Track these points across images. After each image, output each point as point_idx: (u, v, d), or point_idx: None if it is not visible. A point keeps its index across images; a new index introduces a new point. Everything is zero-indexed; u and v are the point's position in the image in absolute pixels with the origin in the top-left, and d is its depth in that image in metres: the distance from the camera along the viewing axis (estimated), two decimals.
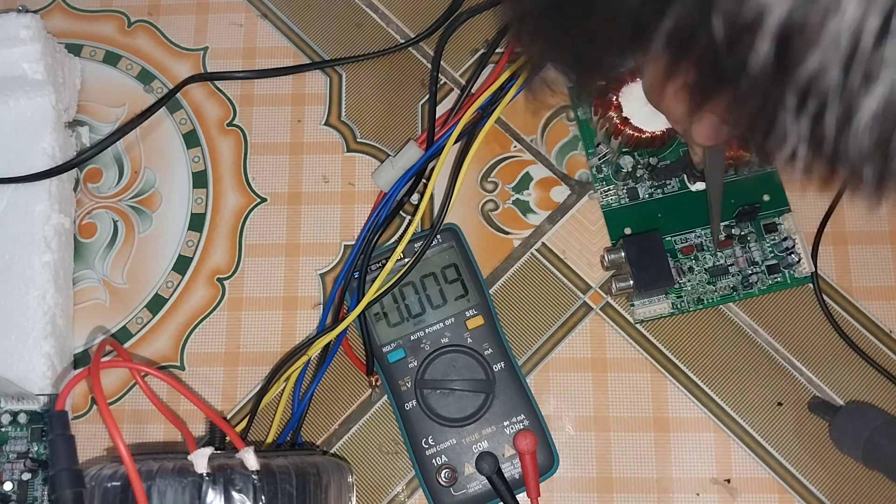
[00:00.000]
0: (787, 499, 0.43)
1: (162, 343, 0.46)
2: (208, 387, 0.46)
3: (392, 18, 0.51)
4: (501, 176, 0.48)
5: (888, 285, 0.45)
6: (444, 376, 0.43)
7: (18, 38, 0.45)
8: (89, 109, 0.50)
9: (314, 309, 0.47)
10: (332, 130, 0.49)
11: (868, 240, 0.46)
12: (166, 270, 0.47)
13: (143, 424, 0.45)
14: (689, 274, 0.45)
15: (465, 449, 0.43)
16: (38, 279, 0.44)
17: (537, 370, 0.45)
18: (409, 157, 0.46)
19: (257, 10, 0.51)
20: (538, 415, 0.43)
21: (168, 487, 0.34)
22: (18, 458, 0.41)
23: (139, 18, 0.52)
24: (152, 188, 0.49)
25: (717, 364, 0.45)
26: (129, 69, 0.51)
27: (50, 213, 0.45)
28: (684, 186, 0.46)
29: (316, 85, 0.50)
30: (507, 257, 0.47)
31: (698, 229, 0.46)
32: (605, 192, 0.46)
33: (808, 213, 0.46)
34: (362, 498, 0.44)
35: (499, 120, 0.49)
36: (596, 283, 0.46)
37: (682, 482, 0.43)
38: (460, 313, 0.44)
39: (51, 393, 0.43)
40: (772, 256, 0.45)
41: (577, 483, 0.43)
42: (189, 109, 0.50)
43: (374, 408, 0.45)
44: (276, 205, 0.48)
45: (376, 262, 0.45)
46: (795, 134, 0.20)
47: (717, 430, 0.44)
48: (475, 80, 0.48)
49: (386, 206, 0.46)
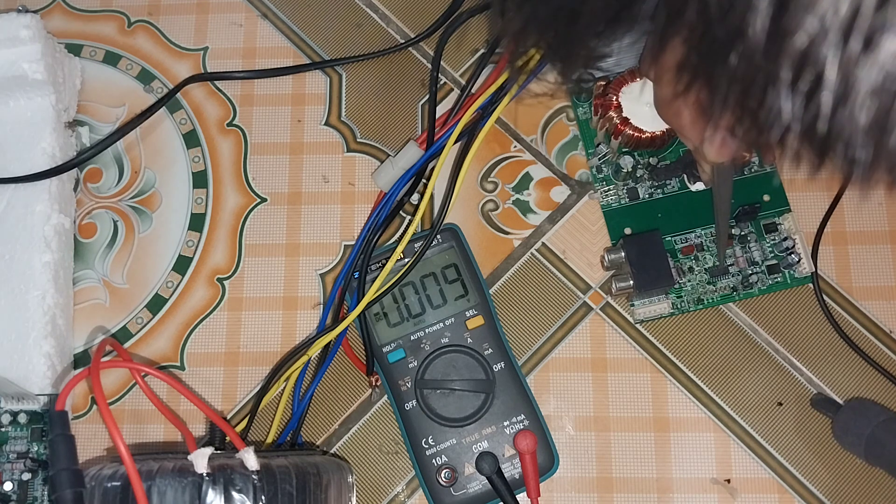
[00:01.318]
0: (787, 499, 0.43)
1: (162, 343, 0.46)
2: (208, 387, 0.46)
3: (392, 18, 0.51)
4: (501, 176, 0.48)
5: (888, 285, 0.45)
6: (444, 376, 0.43)
7: (18, 38, 0.45)
8: (89, 109, 0.50)
9: (314, 309, 0.47)
10: (332, 130, 0.49)
11: (868, 240, 0.46)
12: (166, 270, 0.47)
13: (143, 424, 0.45)
14: (689, 274, 0.45)
15: (465, 449, 0.43)
16: (38, 279, 0.44)
17: (537, 370, 0.45)
18: (409, 157, 0.46)
19: (257, 10, 0.51)
20: (538, 415, 0.43)
21: (168, 487, 0.34)
22: (18, 458, 0.41)
23: (139, 18, 0.52)
24: (152, 188, 0.49)
25: (717, 364, 0.45)
26: (129, 69, 0.51)
27: (50, 213, 0.45)
28: (684, 186, 0.46)
29: (316, 85, 0.50)
30: (507, 257, 0.47)
31: (698, 229, 0.46)
32: (605, 192, 0.46)
33: (808, 213, 0.46)
34: (362, 498, 0.44)
35: (499, 120, 0.49)
36: (596, 283, 0.46)
37: (682, 482, 0.43)
38: (460, 313, 0.44)
39: (51, 393, 0.43)
40: (772, 256, 0.45)
41: (577, 483, 0.43)
42: (189, 109, 0.50)
43: (374, 408, 0.45)
44: (276, 205, 0.48)
45: (376, 262, 0.45)
46: (789, 112, 0.19)
47: (717, 430, 0.44)
48: (475, 80, 0.48)
49: (386, 206, 0.46)
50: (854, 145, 0.19)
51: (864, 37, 0.17)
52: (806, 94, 0.19)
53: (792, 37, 0.17)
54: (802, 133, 0.19)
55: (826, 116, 0.18)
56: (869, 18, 0.17)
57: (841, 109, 0.18)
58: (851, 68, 0.17)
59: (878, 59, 0.17)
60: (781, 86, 0.19)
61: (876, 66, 0.17)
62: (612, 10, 0.22)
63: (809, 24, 0.17)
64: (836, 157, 0.20)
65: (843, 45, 0.17)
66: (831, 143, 0.19)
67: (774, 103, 0.19)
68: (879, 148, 0.19)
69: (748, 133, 0.22)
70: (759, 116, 0.20)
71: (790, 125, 0.19)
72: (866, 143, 0.19)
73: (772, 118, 0.19)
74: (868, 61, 0.17)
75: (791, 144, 0.20)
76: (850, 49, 0.17)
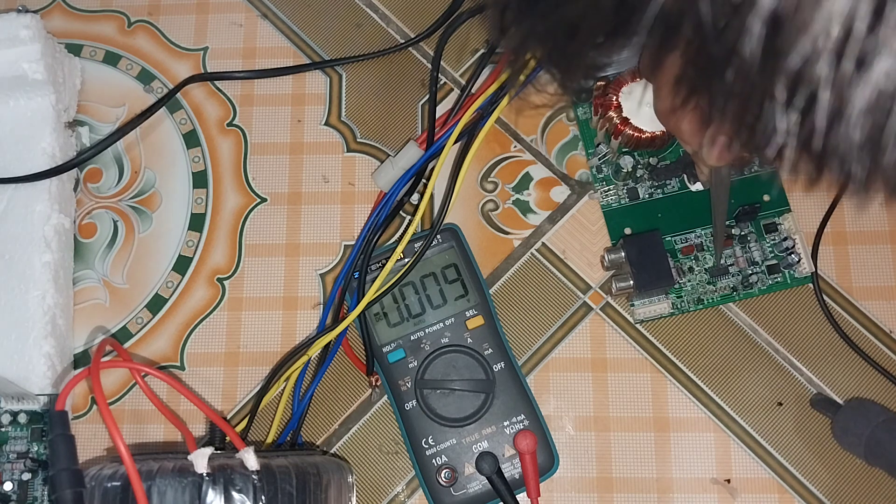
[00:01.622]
0: (787, 499, 0.43)
1: (162, 343, 0.46)
2: (208, 387, 0.46)
3: (392, 18, 0.51)
4: (501, 176, 0.48)
5: (888, 285, 0.45)
6: (444, 376, 0.43)
7: (18, 38, 0.45)
8: (89, 109, 0.50)
9: (314, 309, 0.47)
10: (332, 130, 0.49)
11: (868, 240, 0.46)
12: (166, 270, 0.47)
13: (143, 424, 0.45)
14: (689, 274, 0.45)
15: (465, 449, 0.43)
16: (38, 279, 0.44)
17: (537, 370, 0.45)
18: (409, 157, 0.46)
19: (257, 10, 0.51)
20: (538, 415, 0.43)
21: (168, 487, 0.34)
22: (18, 458, 0.41)
23: (139, 18, 0.52)
24: (152, 188, 0.49)
25: (717, 364, 0.45)
26: (129, 69, 0.51)
27: (50, 213, 0.45)
28: (684, 186, 0.46)
29: (316, 85, 0.50)
30: (507, 257, 0.47)
31: (698, 229, 0.46)
32: (605, 192, 0.46)
33: (808, 213, 0.46)
34: (362, 498, 0.44)
35: (499, 120, 0.49)
36: (596, 283, 0.46)
37: (682, 482, 0.43)
38: (460, 313, 0.44)
39: (51, 393, 0.43)
40: (772, 256, 0.45)
41: (577, 483, 0.43)
42: (189, 109, 0.50)
43: (374, 408, 0.45)
44: (276, 205, 0.48)
45: (376, 262, 0.45)
46: (784, 128, 0.19)
47: (717, 430, 0.44)
48: (475, 80, 0.48)
49: (386, 206, 0.46)
50: (850, 161, 0.19)
51: (857, 57, 0.17)
52: (801, 112, 0.19)
53: (786, 57, 0.18)
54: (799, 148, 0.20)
55: (821, 134, 0.19)
56: (861, 40, 0.17)
57: (836, 127, 0.18)
58: (845, 88, 0.18)
59: (871, 79, 0.17)
60: (776, 104, 0.19)
61: (869, 85, 0.17)
62: (610, 24, 0.22)
63: (802, 46, 0.17)
64: (832, 172, 0.20)
65: (836, 65, 0.17)
66: (827, 159, 0.19)
67: (770, 120, 0.19)
68: (875, 164, 0.19)
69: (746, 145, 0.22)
70: (756, 131, 0.20)
71: (786, 141, 0.20)
72: (861, 159, 0.19)
73: (768, 133, 0.20)
74: (861, 81, 0.17)
75: (789, 157, 0.20)
76: (843, 69, 0.17)
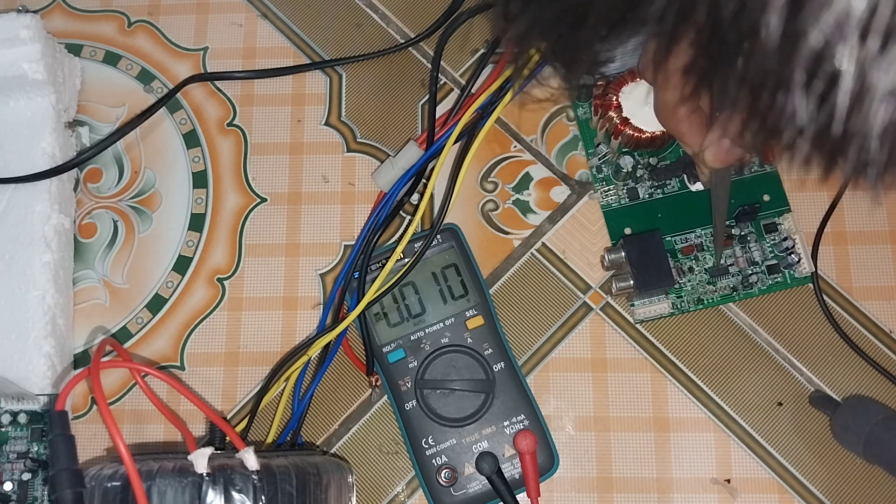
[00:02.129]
0: (787, 499, 0.43)
1: (162, 343, 0.46)
2: (208, 387, 0.46)
3: (392, 18, 0.51)
4: (501, 176, 0.48)
5: (888, 285, 0.45)
6: (444, 376, 0.43)
7: (18, 38, 0.45)
8: (89, 109, 0.50)
9: (314, 309, 0.47)
10: (332, 130, 0.49)
11: (868, 240, 0.46)
12: (166, 270, 0.47)
13: (143, 424, 0.45)
14: (689, 274, 0.45)
15: (465, 449, 0.43)
16: (38, 279, 0.44)
17: (537, 370, 0.45)
18: (409, 157, 0.46)
19: (257, 10, 0.51)
20: (538, 415, 0.43)
21: (168, 487, 0.34)
22: (18, 458, 0.41)
23: (139, 18, 0.52)
24: (152, 188, 0.49)
25: (717, 364, 0.45)
26: (129, 69, 0.51)
27: (50, 213, 0.45)
28: (684, 186, 0.46)
29: (316, 85, 0.50)
30: (507, 257, 0.47)
31: (698, 229, 0.46)
32: (605, 192, 0.46)
33: (808, 213, 0.46)
34: (362, 498, 0.44)
35: (499, 120, 0.49)
36: (596, 283, 0.46)
37: (682, 482, 0.43)
38: (460, 313, 0.44)
39: (51, 393, 0.43)
40: (772, 256, 0.45)
41: (577, 483, 0.43)
42: (189, 109, 0.50)
43: (374, 408, 0.45)
44: (276, 205, 0.48)
45: (376, 262, 0.45)
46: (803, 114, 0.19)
47: (717, 430, 0.44)
48: (475, 80, 0.48)
49: (386, 206, 0.46)
50: (868, 148, 0.19)
51: (882, 36, 0.16)
52: (820, 96, 0.18)
53: (807, 36, 0.17)
54: (815, 136, 0.19)
55: (841, 118, 0.18)
56: (886, 18, 0.16)
57: (856, 111, 0.18)
58: (868, 69, 0.17)
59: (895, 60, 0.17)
60: (795, 87, 0.18)
61: (893, 66, 0.17)
62: (619, 11, 0.22)
63: (825, 22, 0.17)
64: (847, 161, 0.19)
65: (860, 44, 0.17)
66: (844, 145, 0.19)
67: (787, 105, 0.19)
68: (894, 150, 0.19)
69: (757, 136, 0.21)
70: (769, 119, 0.20)
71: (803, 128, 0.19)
72: (881, 145, 0.18)
73: (784, 121, 0.19)
74: (885, 62, 0.17)
75: (801, 148, 0.20)
76: (866, 49, 0.17)
